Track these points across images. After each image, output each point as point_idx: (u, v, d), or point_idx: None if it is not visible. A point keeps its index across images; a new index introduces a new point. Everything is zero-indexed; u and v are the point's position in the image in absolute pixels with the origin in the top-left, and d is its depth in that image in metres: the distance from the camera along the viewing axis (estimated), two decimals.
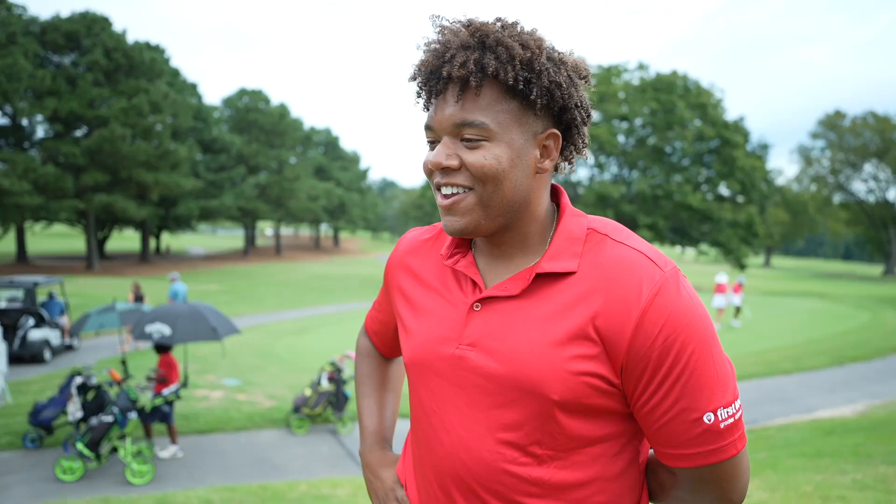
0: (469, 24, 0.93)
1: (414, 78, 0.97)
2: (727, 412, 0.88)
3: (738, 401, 0.91)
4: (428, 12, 1.00)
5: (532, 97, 0.90)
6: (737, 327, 16.91)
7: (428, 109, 0.97)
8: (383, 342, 1.33)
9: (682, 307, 0.88)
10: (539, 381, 0.90)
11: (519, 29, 0.94)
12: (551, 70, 0.91)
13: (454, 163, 0.92)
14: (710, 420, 0.87)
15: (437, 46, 0.93)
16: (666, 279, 0.89)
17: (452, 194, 0.94)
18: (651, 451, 1.03)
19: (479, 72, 0.89)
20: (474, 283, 1.01)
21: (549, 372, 0.89)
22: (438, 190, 0.96)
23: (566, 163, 1.03)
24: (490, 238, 1.01)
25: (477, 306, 0.98)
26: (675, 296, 0.88)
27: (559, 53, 0.96)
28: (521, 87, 0.90)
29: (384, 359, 1.37)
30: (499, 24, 0.94)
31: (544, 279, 0.95)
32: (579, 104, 0.95)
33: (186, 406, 8.23)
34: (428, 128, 0.96)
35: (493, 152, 0.91)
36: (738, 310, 17.43)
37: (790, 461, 5.67)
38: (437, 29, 0.95)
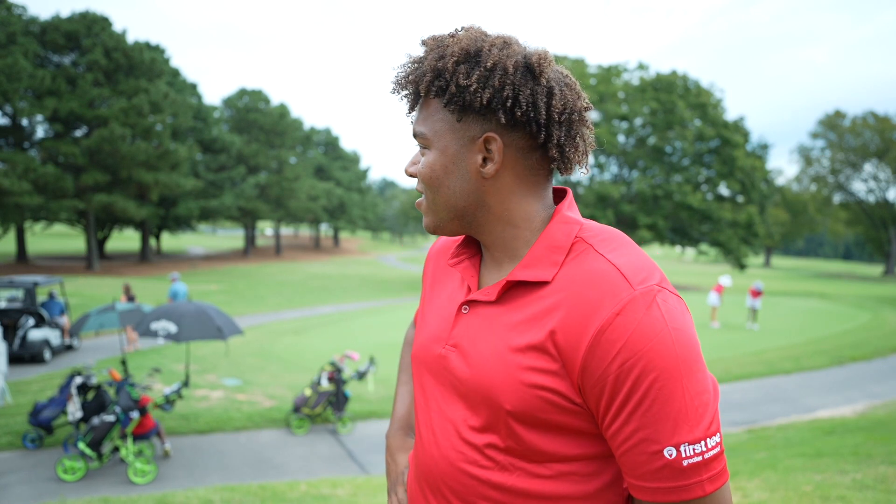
0: (424, 41, 0.97)
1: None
2: (693, 449, 0.80)
3: (714, 438, 0.82)
4: (428, 12, 1.01)
5: (445, 105, 0.92)
6: (754, 329, 17.03)
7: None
8: None
9: (648, 329, 0.81)
10: (493, 387, 0.90)
11: (457, 37, 0.92)
12: (461, 74, 0.89)
13: (413, 170, 1.01)
14: (671, 455, 0.80)
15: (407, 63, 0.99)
16: (634, 298, 0.82)
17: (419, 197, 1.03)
18: None
19: (408, 86, 0.96)
20: (469, 286, 1.03)
21: (503, 380, 0.89)
22: None
23: (556, 164, 0.96)
24: (480, 241, 1.03)
25: (465, 309, 1.00)
26: (642, 316, 0.81)
27: (490, 52, 0.89)
28: (433, 96, 0.93)
29: None
30: (446, 35, 0.95)
31: (521, 287, 0.94)
32: (512, 104, 0.88)
33: (186, 406, 8.23)
34: None
35: (428, 160, 0.96)
36: (754, 312, 17.76)
37: (790, 461, 5.67)
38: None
